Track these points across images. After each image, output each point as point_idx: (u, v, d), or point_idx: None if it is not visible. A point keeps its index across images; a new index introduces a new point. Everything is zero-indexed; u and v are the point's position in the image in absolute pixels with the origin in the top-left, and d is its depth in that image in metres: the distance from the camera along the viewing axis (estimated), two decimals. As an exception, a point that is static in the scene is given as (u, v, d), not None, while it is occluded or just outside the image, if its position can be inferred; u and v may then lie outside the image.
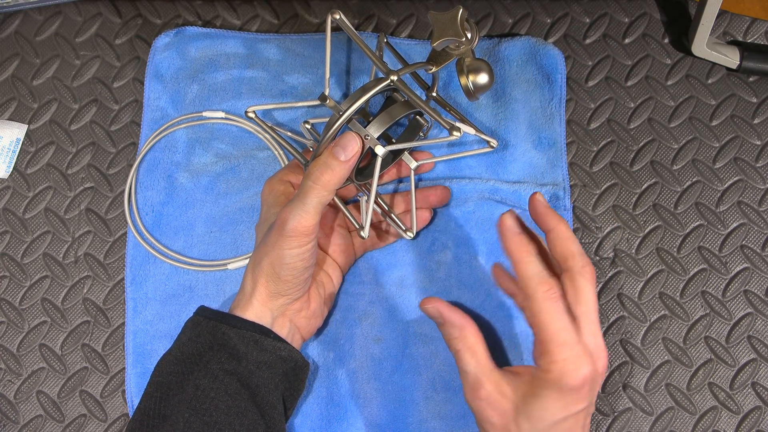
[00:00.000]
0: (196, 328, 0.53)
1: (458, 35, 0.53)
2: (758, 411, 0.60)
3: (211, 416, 0.50)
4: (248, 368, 0.52)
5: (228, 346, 0.52)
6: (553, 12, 0.67)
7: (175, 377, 0.51)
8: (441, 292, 0.61)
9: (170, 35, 0.66)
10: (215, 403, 0.50)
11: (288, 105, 0.63)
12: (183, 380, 0.51)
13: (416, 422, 0.59)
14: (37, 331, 0.63)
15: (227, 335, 0.52)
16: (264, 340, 0.53)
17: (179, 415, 0.50)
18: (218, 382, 0.51)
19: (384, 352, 0.60)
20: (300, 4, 0.68)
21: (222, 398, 0.51)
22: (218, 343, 0.52)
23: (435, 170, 0.63)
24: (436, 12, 0.54)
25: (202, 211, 0.63)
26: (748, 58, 0.64)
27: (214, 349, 0.52)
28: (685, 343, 0.62)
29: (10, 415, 0.62)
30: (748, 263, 0.63)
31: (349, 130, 0.53)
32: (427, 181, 0.63)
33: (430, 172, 0.63)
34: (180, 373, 0.51)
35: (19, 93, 0.67)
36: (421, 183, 0.63)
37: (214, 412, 0.50)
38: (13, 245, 0.64)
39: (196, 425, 0.49)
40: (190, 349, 0.52)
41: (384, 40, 0.61)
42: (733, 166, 0.64)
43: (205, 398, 0.50)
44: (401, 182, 0.63)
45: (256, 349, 0.52)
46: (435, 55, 0.58)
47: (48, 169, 0.65)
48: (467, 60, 0.57)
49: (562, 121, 0.64)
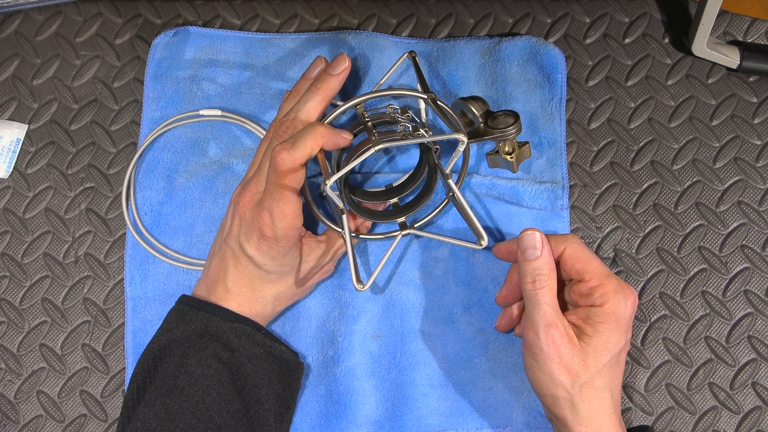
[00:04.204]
0: (184, 317, 0.54)
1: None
2: (758, 411, 0.60)
3: (202, 402, 0.51)
4: (240, 360, 0.53)
5: (221, 337, 0.53)
6: (554, 12, 0.67)
7: (155, 363, 0.53)
8: (438, 289, 0.61)
9: (170, 35, 0.66)
10: (207, 390, 0.51)
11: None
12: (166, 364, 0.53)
13: (414, 418, 0.59)
14: (37, 331, 0.63)
15: (221, 327, 0.53)
16: (256, 334, 0.54)
17: (168, 399, 0.51)
18: (211, 370, 0.52)
19: (382, 349, 0.60)
20: (300, 4, 0.68)
21: (213, 386, 0.52)
22: (210, 333, 0.53)
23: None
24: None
25: (201, 210, 0.63)
26: (748, 58, 0.64)
27: (204, 337, 0.53)
28: (685, 343, 0.61)
29: (11, 415, 0.62)
30: (748, 263, 0.62)
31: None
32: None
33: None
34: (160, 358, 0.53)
35: (20, 93, 0.67)
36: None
37: (205, 399, 0.51)
38: (13, 245, 0.64)
39: (188, 410, 0.51)
40: (176, 334, 0.54)
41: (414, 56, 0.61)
42: (734, 166, 0.64)
43: (197, 384, 0.51)
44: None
45: (248, 342, 0.54)
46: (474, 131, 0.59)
47: (48, 169, 0.65)
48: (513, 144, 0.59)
49: (563, 120, 0.64)
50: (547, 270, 0.52)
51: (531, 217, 0.62)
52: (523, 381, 0.60)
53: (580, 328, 0.51)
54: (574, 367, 0.50)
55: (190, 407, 0.51)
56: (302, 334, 0.61)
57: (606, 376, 0.51)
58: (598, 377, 0.50)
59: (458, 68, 0.64)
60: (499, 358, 0.60)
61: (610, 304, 0.51)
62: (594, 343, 0.50)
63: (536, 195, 0.61)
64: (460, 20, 0.67)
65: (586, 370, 0.50)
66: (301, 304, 0.61)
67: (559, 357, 0.50)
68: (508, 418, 0.59)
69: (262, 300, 0.56)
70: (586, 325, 0.51)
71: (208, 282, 0.57)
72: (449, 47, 0.65)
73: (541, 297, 0.51)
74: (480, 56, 0.65)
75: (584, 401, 0.50)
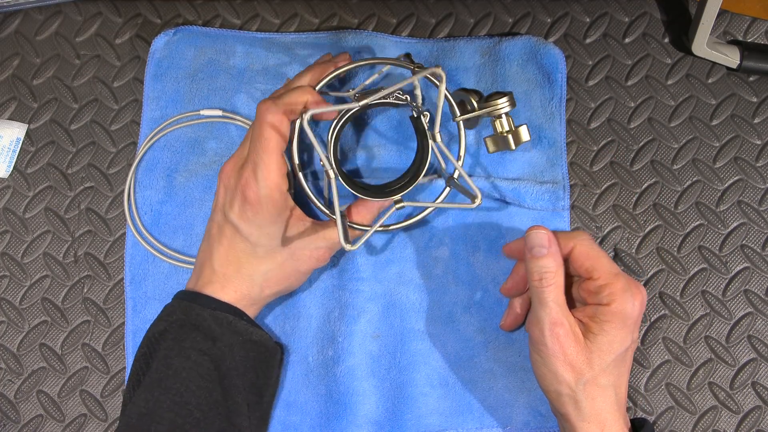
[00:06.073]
0: (169, 308, 0.54)
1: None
2: (758, 410, 0.60)
3: (181, 396, 0.51)
4: (221, 350, 0.52)
5: (202, 326, 0.52)
6: (553, 11, 0.67)
7: (144, 360, 0.53)
8: (438, 289, 0.61)
9: (170, 34, 0.66)
10: (186, 383, 0.51)
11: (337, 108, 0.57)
12: (150, 359, 0.52)
13: (414, 418, 0.59)
14: (37, 331, 0.63)
15: (201, 316, 0.53)
16: (237, 322, 0.53)
17: (149, 394, 0.51)
18: (191, 362, 0.51)
19: (382, 349, 0.60)
20: (300, 4, 0.68)
21: (193, 378, 0.51)
22: (191, 323, 0.52)
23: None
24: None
25: (201, 210, 0.63)
26: (748, 57, 0.64)
27: (186, 328, 0.52)
28: (685, 343, 0.61)
29: (11, 414, 0.62)
30: (748, 263, 0.62)
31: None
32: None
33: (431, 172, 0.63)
34: (149, 354, 0.53)
35: (19, 92, 0.67)
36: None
37: (184, 393, 0.51)
38: (13, 245, 0.64)
39: (166, 404, 0.50)
40: (160, 327, 0.53)
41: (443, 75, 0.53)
42: (734, 165, 0.64)
43: (177, 377, 0.51)
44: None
45: (229, 330, 0.53)
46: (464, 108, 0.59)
47: (48, 168, 0.65)
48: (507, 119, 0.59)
49: (563, 120, 0.64)
50: (555, 267, 0.52)
51: (532, 217, 0.62)
52: (523, 381, 0.60)
53: (587, 326, 0.51)
54: (579, 365, 0.50)
55: (168, 401, 0.50)
56: (302, 334, 0.61)
57: (611, 374, 0.51)
58: (602, 375, 0.50)
59: (458, 68, 0.64)
60: (499, 357, 0.60)
61: (617, 303, 0.51)
62: (599, 342, 0.50)
63: (538, 196, 0.61)
64: (460, 20, 0.67)
65: (590, 368, 0.50)
66: (301, 304, 0.61)
67: (564, 354, 0.50)
68: (508, 418, 0.59)
69: (249, 279, 0.55)
70: (592, 323, 0.51)
71: (197, 267, 0.56)
72: (449, 47, 0.65)
73: (547, 295, 0.51)
74: (480, 56, 0.65)
75: (588, 398, 0.50)
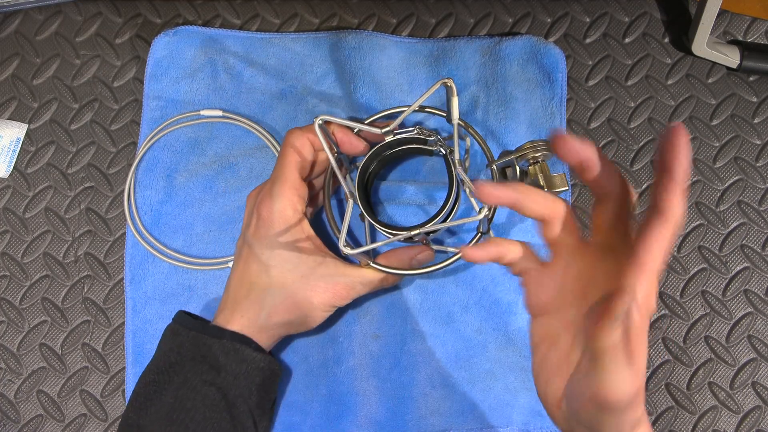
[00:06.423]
0: (177, 338, 0.54)
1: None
2: (758, 410, 0.60)
3: (186, 427, 0.50)
4: (227, 379, 0.52)
5: (209, 357, 0.52)
6: (554, 11, 0.67)
7: (154, 387, 0.52)
8: (438, 289, 0.61)
9: (170, 34, 0.66)
10: (191, 414, 0.51)
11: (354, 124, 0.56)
12: (162, 390, 0.51)
13: (415, 419, 0.59)
14: (37, 331, 0.63)
15: (208, 345, 0.52)
16: (245, 350, 0.53)
17: (155, 426, 0.50)
18: (196, 392, 0.51)
19: (382, 349, 0.60)
20: (300, 4, 0.68)
21: (199, 409, 0.51)
22: (200, 354, 0.52)
23: (436, 170, 0.63)
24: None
25: (201, 210, 0.63)
26: (748, 57, 0.64)
27: (196, 360, 0.52)
28: (685, 343, 0.61)
29: (11, 414, 0.62)
30: (748, 263, 0.62)
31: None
32: (429, 183, 0.63)
33: (431, 173, 0.63)
34: (159, 382, 0.52)
35: (19, 92, 0.67)
36: (421, 176, 0.63)
37: (189, 423, 0.50)
38: (13, 245, 0.64)
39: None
40: (171, 358, 0.53)
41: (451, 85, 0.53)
42: (734, 165, 0.64)
43: (182, 409, 0.51)
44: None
45: (236, 359, 0.52)
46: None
47: (48, 168, 0.65)
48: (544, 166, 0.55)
49: (563, 120, 0.64)
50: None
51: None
52: (522, 381, 0.60)
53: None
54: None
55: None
56: (302, 334, 0.61)
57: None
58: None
59: (458, 68, 0.64)
60: (499, 357, 0.60)
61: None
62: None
63: None
64: (460, 20, 0.67)
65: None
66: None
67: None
68: (508, 418, 0.59)
69: (257, 303, 0.53)
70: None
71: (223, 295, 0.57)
72: (449, 47, 0.65)
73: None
74: (480, 56, 0.65)
75: None
